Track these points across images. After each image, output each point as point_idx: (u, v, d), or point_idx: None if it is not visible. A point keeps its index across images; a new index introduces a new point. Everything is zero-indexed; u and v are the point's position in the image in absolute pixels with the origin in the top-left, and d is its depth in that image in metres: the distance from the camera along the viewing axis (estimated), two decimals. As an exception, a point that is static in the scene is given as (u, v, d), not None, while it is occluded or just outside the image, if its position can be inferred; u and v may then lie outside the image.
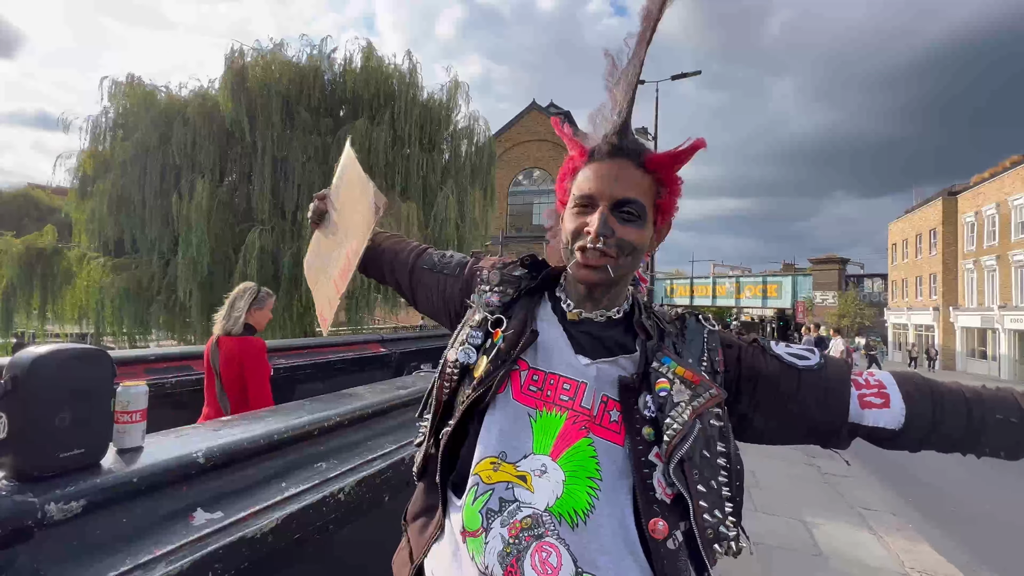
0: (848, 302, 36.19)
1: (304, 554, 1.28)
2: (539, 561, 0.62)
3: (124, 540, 0.98)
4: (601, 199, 0.72)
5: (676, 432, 0.64)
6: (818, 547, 3.16)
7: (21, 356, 0.94)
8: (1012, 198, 21.29)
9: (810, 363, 0.76)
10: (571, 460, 0.67)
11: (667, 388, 0.67)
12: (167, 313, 9.71)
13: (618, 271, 0.73)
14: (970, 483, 5.53)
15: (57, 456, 0.95)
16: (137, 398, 1.13)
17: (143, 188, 10.10)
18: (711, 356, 0.75)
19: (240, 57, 10.39)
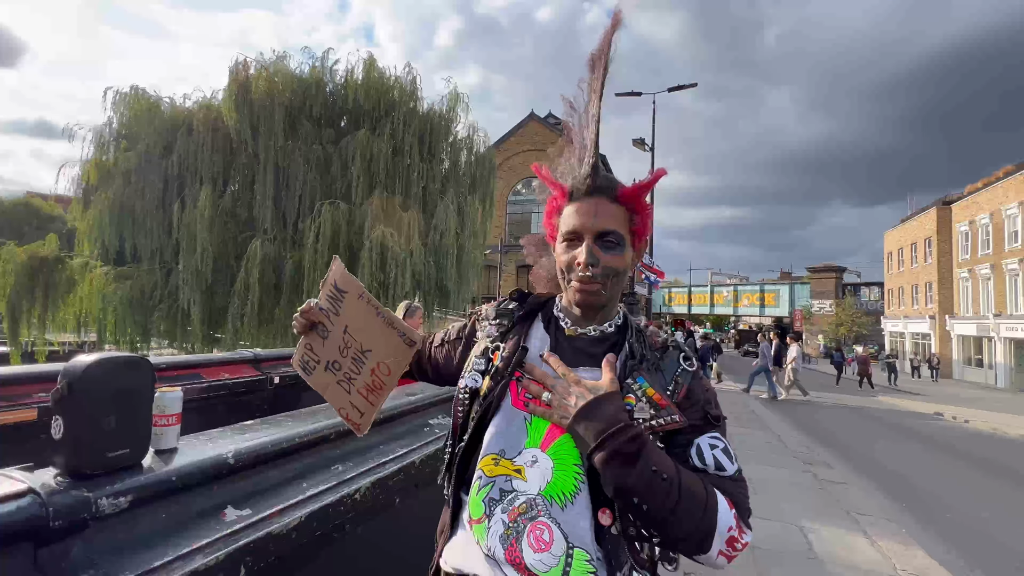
0: (845, 310, 36.39)
1: (324, 550, 1.36)
2: (535, 539, 0.72)
3: (165, 534, 1.06)
4: (585, 233, 0.84)
5: None
6: (813, 551, 3.22)
7: (75, 363, 1.03)
8: (1005, 208, 21.56)
9: (703, 466, 0.76)
10: (559, 449, 0.77)
11: (632, 404, 0.76)
12: (169, 321, 9.76)
13: (608, 291, 0.85)
14: (965, 491, 5.60)
15: (106, 455, 1.03)
16: (173, 402, 1.22)
17: (146, 197, 10.21)
18: (676, 387, 0.81)
19: (244, 69, 10.57)
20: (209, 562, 1.03)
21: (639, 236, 0.90)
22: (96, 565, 0.92)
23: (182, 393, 1.23)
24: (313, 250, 9.47)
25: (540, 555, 0.72)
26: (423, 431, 2.03)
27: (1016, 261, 20.54)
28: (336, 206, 9.95)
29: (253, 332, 9.14)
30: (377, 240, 9.79)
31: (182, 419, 1.25)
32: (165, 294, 9.77)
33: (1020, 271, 20.32)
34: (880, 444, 8.13)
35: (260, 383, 3.65)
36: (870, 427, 9.99)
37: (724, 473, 0.75)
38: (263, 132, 10.13)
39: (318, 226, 9.59)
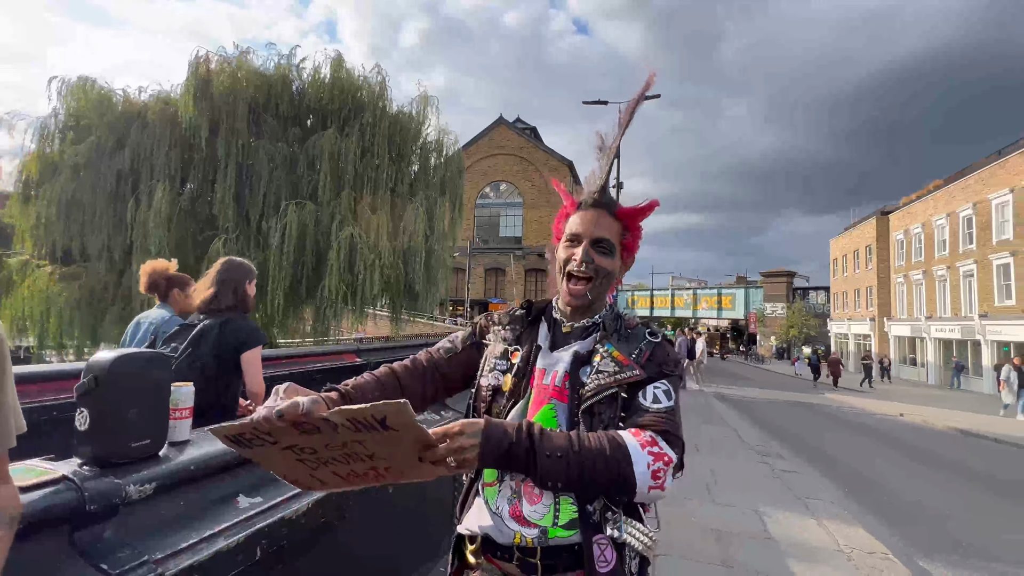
0: (795, 313, 38.45)
1: (328, 534, 1.43)
2: (529, 496, 0.91)
3: (187, 518, 1.12)
4: (584, 237, 1.02)
5: (589, 389, 0.92)
6: (769, 532, 3.50)
7: (100, 359, 1.08)
8: (935, 219, 23.45)
9: (645, 404, 0.90)
10: (542, 416, 0.94)
11: (598, 361, 0.95)
12: (122, 324, 9.26)
13: (594, 292, 1.02)
14: (900, 476, 6.12)
15: (130, 445, 1.08)
16: (187, 397, 1.27)
17: (96, 193, 9.68)
18: (640, 353, 0.97)
19: (205, 63, 10.20)
20: (231, 544, 1.10)
21: (628, 250, 1.08)
22: (128, 546, 0.97)
23: (193, 388, 1.28)
24: (279, 250, 9.24)
25: (534, 506, 0.90)
26: (412, 426, 2.11)
27: (944, 268, 22.38)
28: (303, 206, 9.75)
29: (215, 335, 8.81)
30: (345, 241, 9.66)
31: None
32: (118, 295, 9.28)
33: (948, 277, 22.15)
34: (827, 436, 8.72)
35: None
36: (819, 422, 10.68)
37: (659, 405, 0.89)
38: (225, 128, 9.81)
39: (284, 226, 9.37)
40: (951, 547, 3.88)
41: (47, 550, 0.89)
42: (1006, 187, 18.58)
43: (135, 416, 1.11)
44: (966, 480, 6.16)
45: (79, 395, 1.09)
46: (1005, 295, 18.56)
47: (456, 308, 29.28)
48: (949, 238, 22.32)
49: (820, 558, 3.16)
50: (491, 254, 30.17)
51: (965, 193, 21.27)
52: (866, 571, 2.99)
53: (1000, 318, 18.46)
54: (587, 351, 0.99)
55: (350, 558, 1.59)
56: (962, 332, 20.87)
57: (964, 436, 9.76)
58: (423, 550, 2.13)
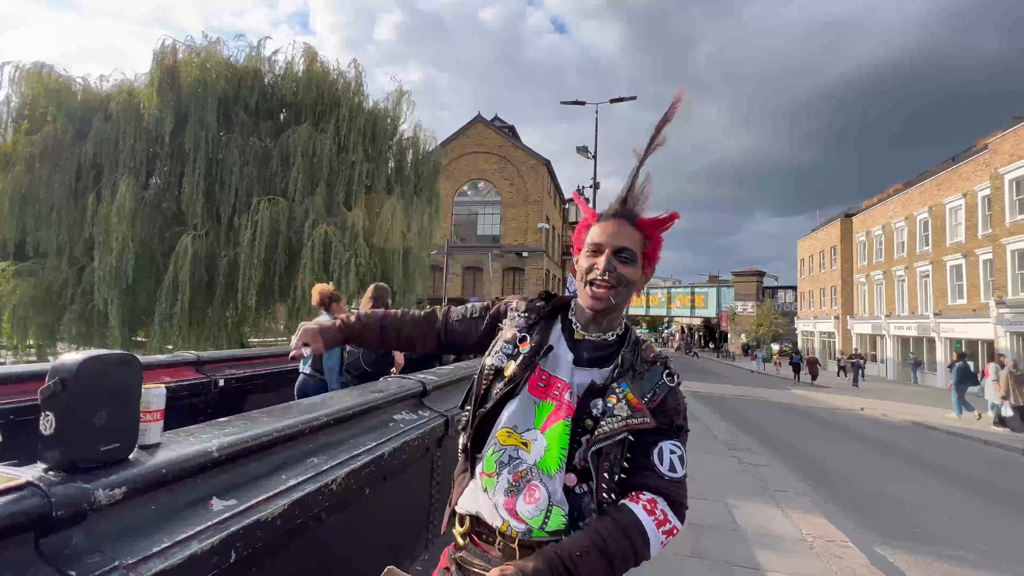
0: (765, 311, 39.70)
1: (305, 536, 1.43)
2: (528, 495, 0.95)
3: (158, 523, 1.11)
4: (607, 247, 1.03)
5: (603, 432, 0.92)
6: (736, 523, 3.63)
7: (66, 361, 1.05)
8: (894, 221, 24.57)
9: (662, 471, 0.92)
10: (551, 433, 0.98)
11: (613, 403, 0.95)
12: (82, 323, 8.88)
13: (616, 298, 1.03)
14: (860, 467, 6.42)
15: (98, 449, 1.06)
16: (158, 399, 1.25)
17: (54, 186, 9.24)
18: (653, 395, 0.97)
19: (172, 53, 9.85)
20: (204, 547, 1.09)
21: (649, 260, 1.09)
22: (98, 551, 0.96)
23: (165, 390, 1.25)
24: (250, 247, 9.00)
25: (529, 506, 0.94)
26: (389, 425, 2.11)
27: (903, 268, 23.48)
28: (275, 202, 9.52)
29: (183, 334, 8.53)
30: (320, 239, 9.48)
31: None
32: (78, 293, 8.88)
33: (906, 277, 23.25)
34: (793, 431, 9.05)
35: (203, 386, 3.52)
36: (785, 417, 11.07)
37: (674, 476, 0.92)
38: (194, 121, 9.49)
39: (255, 223, 9.13)
40: (906, 533, 4.10)
41: (12, 558, 0.87)
42: (959, 192, 19.61)
43: (104, 419, 1.09)
44: (920, 470, 6.51)
45: (44, 398, 1.06)
46: (957, 295, 19.60)
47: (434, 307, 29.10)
48: (907, 240, 23.42)
49: (785, 547, 3.29)
50: (469, 253, 30.09)
51: (922, 197, 22.34)
52: (827, 558, 3.14)
53: (953, 317, 19.49)
54: (602, 383, 0.99)
55: (327, 559, 1.59)
56: (919, 330, 21.95)
57: (919, 428, 10.28)
58: (400, 549, 2.14)
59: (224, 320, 9.29)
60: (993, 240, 17.17)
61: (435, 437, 2.30)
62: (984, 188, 18.02)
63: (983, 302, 17.84)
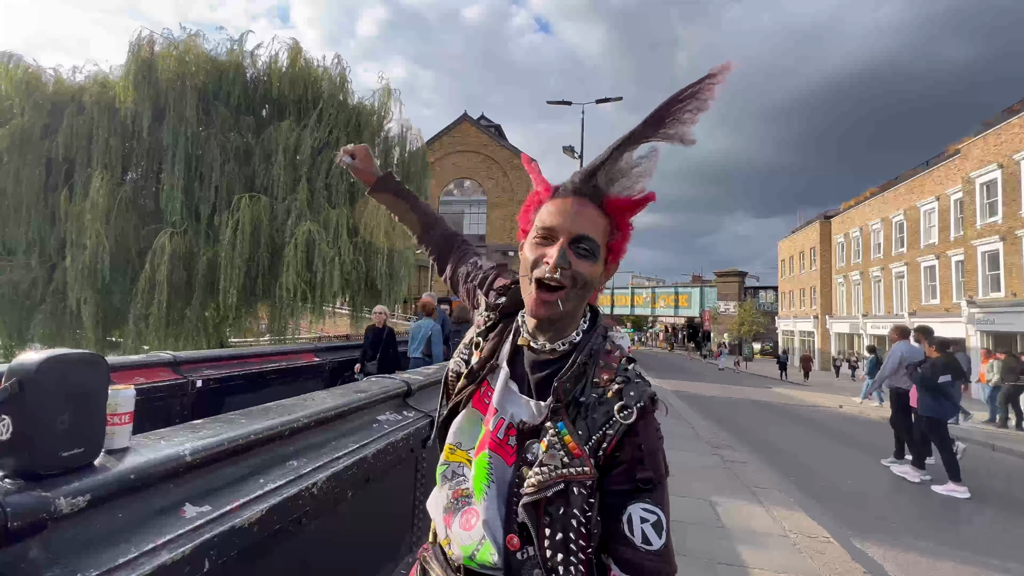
0: (747, 311, 40.37)
1: (284, 543, 1.38)
2: (465, 519, 0.83)
3: (126, 531, 1.05)
4: (561, 233, 0.78)
5: (531, 485, 0.73)
6: (720, 521, 3.67)
7: (25, 361, 0.99)
8: (871, 223, 25.21)
9: (634, 542, 0.71)
10: (478, 462, 0.84)
11: (543, 449, 0.74)
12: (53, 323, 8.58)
13: (567, 304, 0.79)
14: (837, 464, 6.55)
15: (60, 455, 1.00)
16: (126, 401, 1.19)
17: (22, 182, 8.92)
18: (603, 439, 0.74)
19: (149, 45, 9.58)
20: (175, 557, 1.04)
21: (614, 254, 0.85)
22: (58, 564, 0.90)
23: (135, 392, 1.20)
24: (231, 246, 8.80)
25: (464, 532, 0.82)
26: (372, 427, 2.06)
27: (879, 269, 24.10)
28: (256, 200, 9.32)
29: (160, 335, 8.29)
30: (303, 237, 9.32)
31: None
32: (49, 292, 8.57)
33: (882, 277, 23.87)
34: (774, 428, 9.21)
35: (180, 387, 3.42)
36: (767, 415, 11.27)
37: (651, 548, 0.71)
38: (172, 116, 9.24)
39: (236, 220, 8.93)
40: (882, 527, 4.19)
41: (-38, 572, 0.81)
42: (932, 195, 20.20)
43: (66, 423, 1.03)
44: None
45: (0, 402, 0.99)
46: (931, 295, 20.19)
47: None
48: (883, 242, 24.04)
49: (767, 543, 3.33)
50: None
51: (897, 200, 22.96)
52: (808, 553, 3.18)
53: (926, 316, 20.08)
54: (535, 423, 0.79)
55: (308, 566, 1.54)
56: (894, 329, 22.57)
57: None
58: (382, 554, 2.09)
59: (204, 320, 9.07)
60: (964, 242, 17.72)
61: (420, 438, 2.26)
62: (956, 192, 18.59)
63: (955, 302, 18.41)
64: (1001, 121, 16.38)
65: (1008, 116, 16.29)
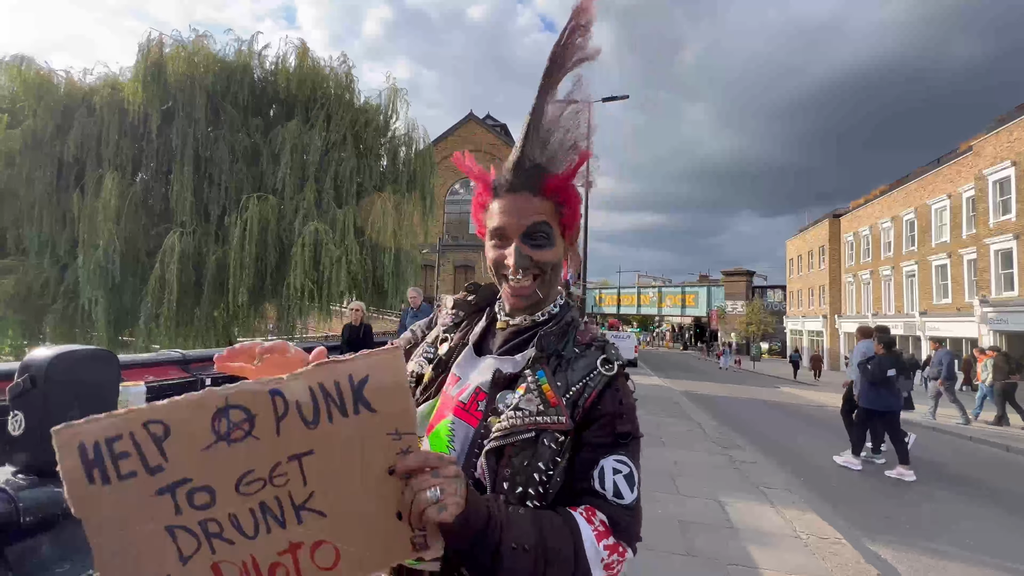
0: (754, 311, 40.05)
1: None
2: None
3: (137, 528, 1.05)
4: (512, 233, 0.79)
5: (498, 428, 0.71)
6: (730, 521, 3.63)
7: (37, 357, 0.99)
8: (881, 221, 24.91)
9: (604, 495, 0.70)
10: (436, 432, 0.78)
11: (521, 394, 0.73)
12: (65, 323, 8.68)
13: (544, 288, 0.82)
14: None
15: (71, 451, 1.00)
16: (137, 398, 1.19)
17: (34, 183, 9.02)
18: (583, 390, 0.75)
19: (158, 46, 9.66)
20: (185, 553, 1.04)
21: (568, 227, 0.85)
22: (67, 560, 0.90)
23: (145, 388, 1.20)
24: (240, 246, 8.85)
25: None
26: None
27: (889, 268, 23.82)
28: (264, 199, 9.37)
29: (170, 334, 8.37)
30: (310, 236, 9.37)
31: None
32: (60, 292, 8.67)
33: (892, 276, 23.59)
34: (782, 428, 9.12)
35: (190, 385, 3.44)
36: (775, 415, 11.17)
37: (621, 501, 0.70)
38: (182, 116, 9.32)
39: (245, 220, 8.98)
40: (893, 529, 4.13)
41: (-26, 567, 0.81)
42: (943, 193, 19.92)
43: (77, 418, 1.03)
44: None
45: (12, 397, 1.00)
46: (942, 294, 19.92)
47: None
48: (894, 240, 23.75)
49: (778, 544, 3.29)
50: (461, 251, 30.00)
51: (907, 198, 22.68)
52: (821, 555, 3.14)
53: (938, 316, 19.81)
54: (511, 373, 0.78)
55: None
56: (905, 328, 22.27)
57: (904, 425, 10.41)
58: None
59: (213, 319, 9.14)
60: (977, 240, 17.46)
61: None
62: (968, 189, 18.32)
63: (967, 301, 18.14)
64: (1015, 118, 16.13)
65: (1022, 112, 16.04)
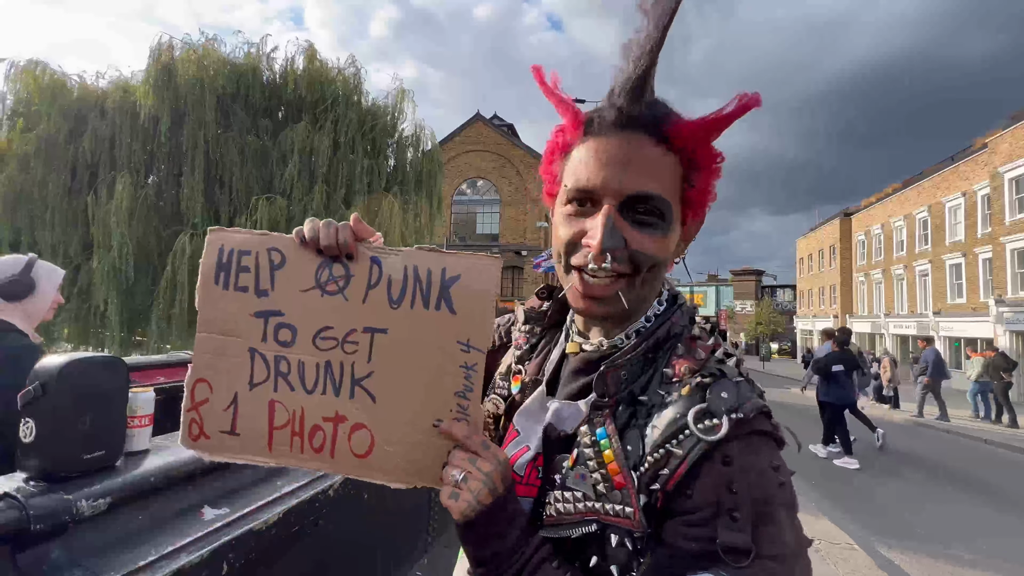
0: (764, 310, 39.73)
1: (301, 544, 1.38)
2: None
3: (146, 534, 1.06)
4: (606, 195, 0.53)
5: (550, 516, 0.53)
6: (740, 527, 3.60)
7: (47, 364, 1.00)
8: (893, 220, 24.58)
9: None
10: None
11: (570, 468, 0.53)
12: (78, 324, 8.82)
13: (630, 294, 0.55)
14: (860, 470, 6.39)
15: (82, 458, 1.01)
16: (146, 404, 1.20)
17: (48, 185, 9.17)
18: (664, 461, 0.49)
19: (168, 50, 9.78)
20: (194, 560, 1.04)
21: (696, 208, 0.58)
22: (79, 566, 0.91)
23: (154, 394, 1.21)
24: (249, 247, 8.94)
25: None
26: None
27: (902, 267, 23.49)
28: (272, 201, 9.46)
29: (182, 334, 8.47)
30: (319, 238, 9.42)
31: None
32: (74, 293, 8.81)
33: (905, 275, 23.27)
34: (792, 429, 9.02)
35: (200, 387, 3.47)
36: (783, 416, 11.06)
37: None
38: (192, 119, 9.42)
39: (255, 222, 9.07)
40: (908, 534, 4.06)
41: (-14, 574, 0.82)
42: (958, 191, 19.60)
43: (87, 425, 1.04)
44: (915, 469, 6.47)
45: (24, 404, 1.01)
46: (957, 293, 19.60)
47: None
48: (907, 239, 23.42)
49: (789, 549, 3.25)
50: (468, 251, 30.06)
51: (921, 196, 22.34)
52: (832, 560, 3.10)
53: (952, 315, 19.50)
54: (568, 428, 0.57)
55: (323, 567, 1.54)
56: (918, 328, 21.95)
57: (918, 427, 10.26)
58: (397, 556, 2.09)
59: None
60: (992, 239, 17.16)
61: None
62: (983, 187, 18.01)
63: (982, 301, 17.84)
64: (1031, 113, 15.83)
65: (1039, 108, 15.73)
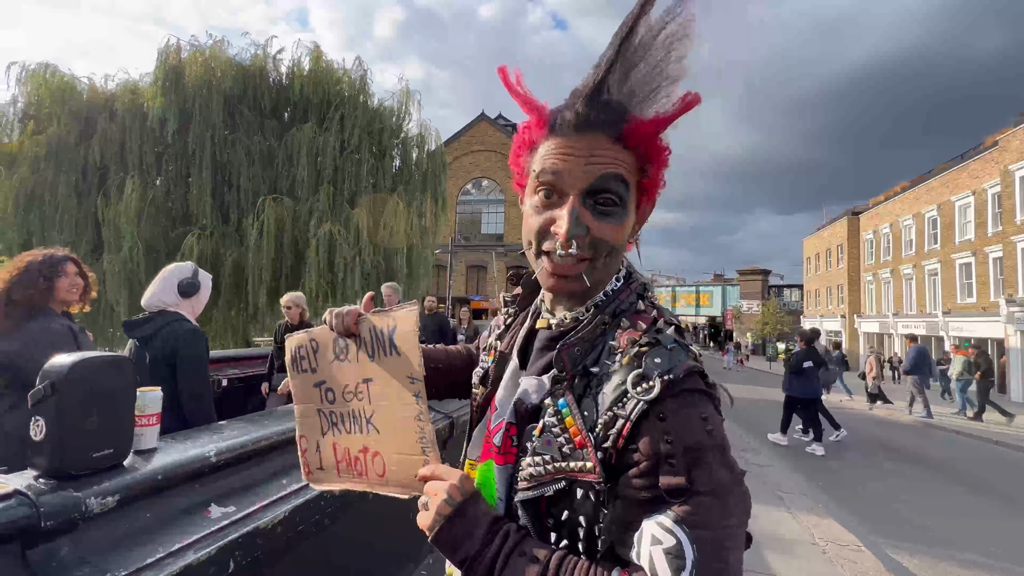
0: (770, 310, 39.45)
1: (307, 543, 1.39)
2: None
3: (153, 532, 1.07)
4: (570, 187, 0.59)
5: (524, 477, 0.60)
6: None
7: (56, 363, 1.02)
8: (902, 219, 24.33)
9: (640, 565, 0.51)
10: (480, 471, 0.71)
11: (538, 434, 0.60)
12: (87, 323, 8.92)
13: (592, 274, 0.62)
14: (866, 468, 6.33)
15: (90, 456, 1.02)
16: (153, 402, 1.21)
17: (58, 187, 9.27)
18: (613, 422, 0.55)
19: (176, 52, 9.86)
20: (200, 558, 1.05)
21: (649, 195, 0.64)
22: (88, 563, 0.92)
23: (161, 393, 1.22)
24: (256, 247, 9.00)
25: None
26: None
27: (911, 266, 23.25)
28: (279, 201, 9.52)
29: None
30: (325, 238, 9.48)
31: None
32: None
33: (914, 275, 23.03)
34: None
35: (207, 386, 3.49)
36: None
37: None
38: (200, 121, 9.49)
39: (261, 223, 9.14)
40: (916, 536, 4.02)
41: (-3, 570, 0.83)
42: (968, 190, 19.37)
43: (96, 424, 1.05)
44: (923, 470, 6.40)
45: (34, 403, 1.02)
46: (967, 293, 19.38)
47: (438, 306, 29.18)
48: (915, 238, 23.17)
49: (796, 551, 3.23)
50: (473, 251, 30.08)
51: (930, 195, 22.10)
52: (840, 562, 3.07)
53: (962, 315, 19.27)
54: (533, 401, 0.63)
55: (329, 566, 1.55)
56: (927, 328, 21.72)
57: (927, 428, 10.15)
58: (403, 555, 2.10)
59: (230, 320, 9.31)
60: (1003, 238, 16.95)
61: (440, 439, 2.26)
62: (994, 185, 17.79)
63: (993, 300, 17.63)
64: (1043, 111, 15.62)
65: (1051, 105, 15.51)
